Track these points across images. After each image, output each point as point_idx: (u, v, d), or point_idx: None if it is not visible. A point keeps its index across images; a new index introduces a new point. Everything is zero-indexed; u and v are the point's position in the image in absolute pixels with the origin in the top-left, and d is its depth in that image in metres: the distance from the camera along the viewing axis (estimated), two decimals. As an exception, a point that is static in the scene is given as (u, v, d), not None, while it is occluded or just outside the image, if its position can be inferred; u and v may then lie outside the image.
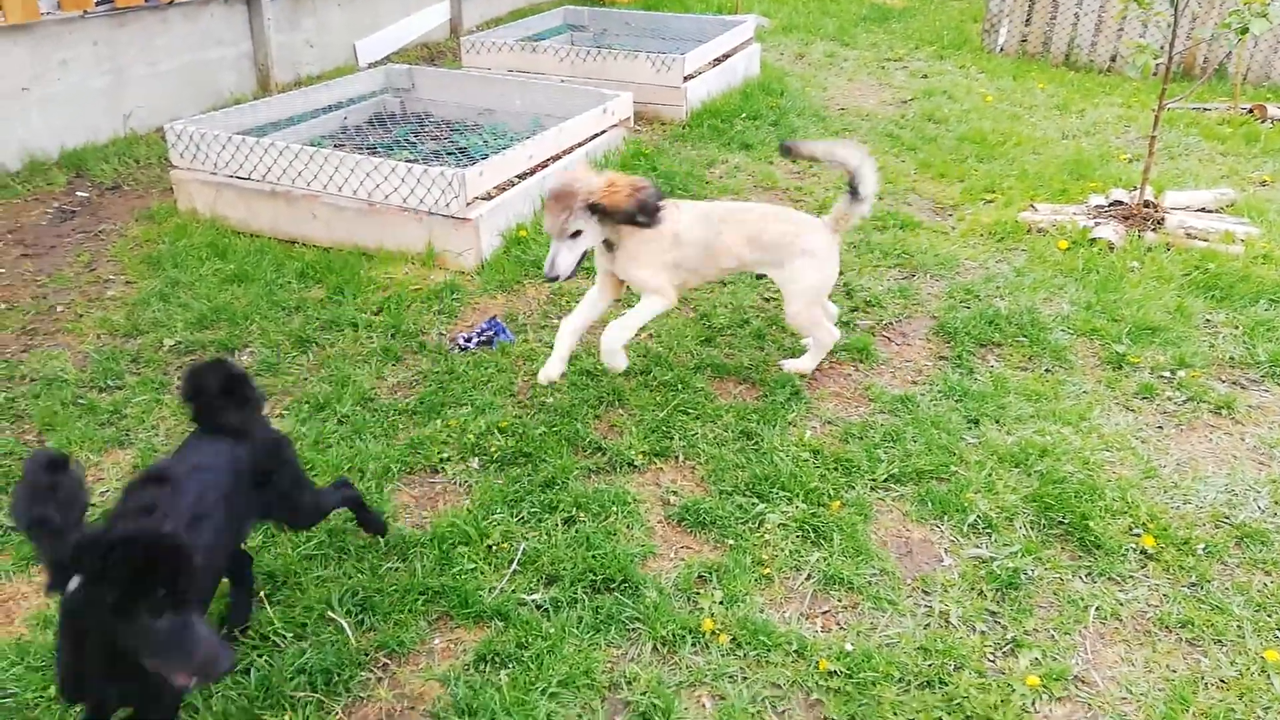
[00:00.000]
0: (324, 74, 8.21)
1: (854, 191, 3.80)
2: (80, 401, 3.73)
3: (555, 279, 3.49)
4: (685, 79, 7.14)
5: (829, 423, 3.78)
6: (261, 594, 2.81)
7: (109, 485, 3.30)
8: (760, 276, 4.45)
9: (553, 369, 3.69)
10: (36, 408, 3.66)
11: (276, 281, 4.66)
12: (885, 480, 3.45)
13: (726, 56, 8.03)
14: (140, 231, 5.22)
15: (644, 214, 3.42)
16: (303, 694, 2.51)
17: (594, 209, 3.42)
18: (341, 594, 2.84)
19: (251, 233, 5.16)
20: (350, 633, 2.68)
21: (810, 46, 10.11)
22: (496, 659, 2.66)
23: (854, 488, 3.41)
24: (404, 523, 3.19)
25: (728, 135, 6.90)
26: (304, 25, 8.04)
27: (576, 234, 3.45)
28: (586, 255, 3.59)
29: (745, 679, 2.65)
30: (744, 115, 7.25)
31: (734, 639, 2.77)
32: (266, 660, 2.60)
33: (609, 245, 3.62)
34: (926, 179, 6.26)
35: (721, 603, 2.90)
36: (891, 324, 4.53)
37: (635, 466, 3.50)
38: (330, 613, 2.75)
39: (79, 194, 5.73)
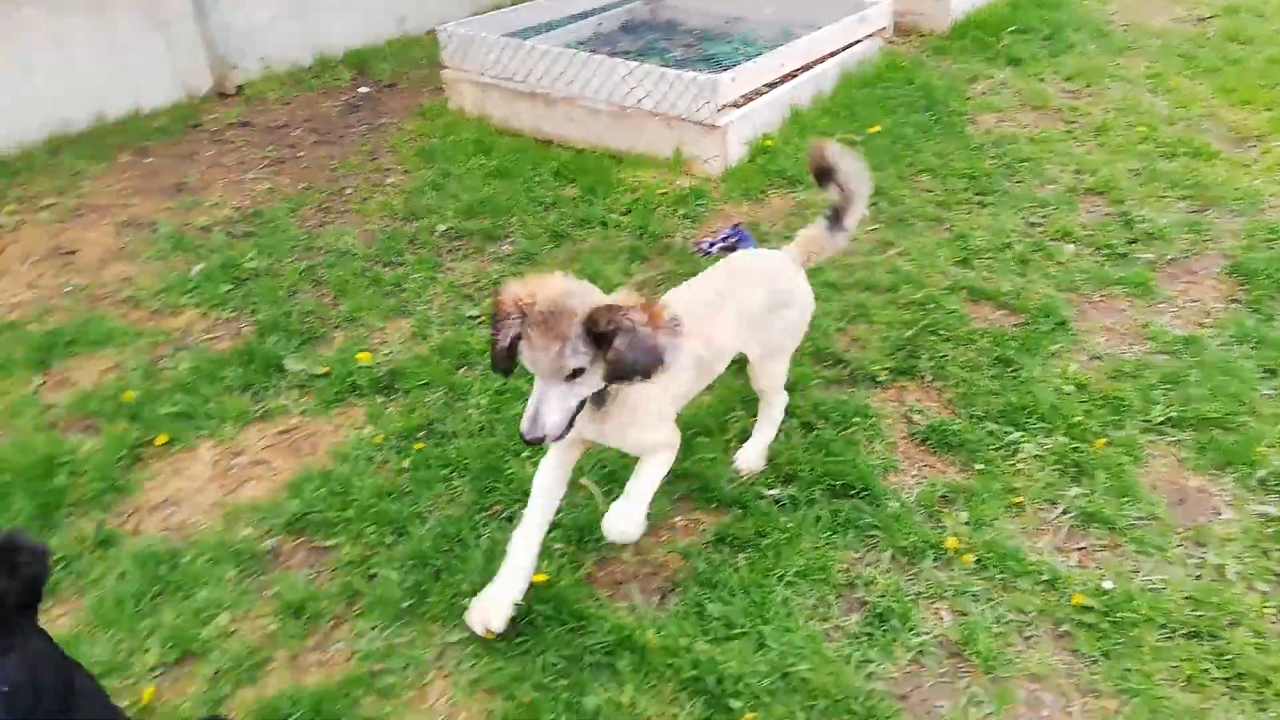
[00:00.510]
0: (580, -17, 8.36)
1: (836, 218, 2.91)
2: (367, 273, 4.11)
3: (538, 441, 2.19)
4: (951, -11, 6.70)
5: (1097, 358, 3.53)
6: (524, 455, 3.03)
7: (391, 349, 3.63)
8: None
9: (497, 613, 2.40)
10: (332, 276, 4.08)
11: (534, 179, 4.88)
12: (1160, 423, 3.19)
13: (997, -32, 7.43)
14: (415, 126, 5.60)
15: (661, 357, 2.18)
16: (560, 546, 2.70)
17: (602, 336, 2.12)
18: (592, 466, 3.00)
19: (513, 132, 5.42)
20: (599, 498, 2.84)
21: (1092, -40, 9.17)
22: (735, 543, 2.74)
23: (1123, 427, 3.18)
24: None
25: (993, 50, 6.44)
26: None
27: (576, 374, 2.16)
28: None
29: (990, 600, 2.59)
30: (1013, 28, 6.72)
31: (979, 560, 2.70)
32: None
33: (599, 400, 2.35)
34: (1226, 105, 5.59)
35: (966, 524, 2.82)
36: (1176, 259, 4.13)
37: (878, 382, 3.44)
38: (584, 479, 2.93)
39: (361, 90, 6.22)
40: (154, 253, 4.26)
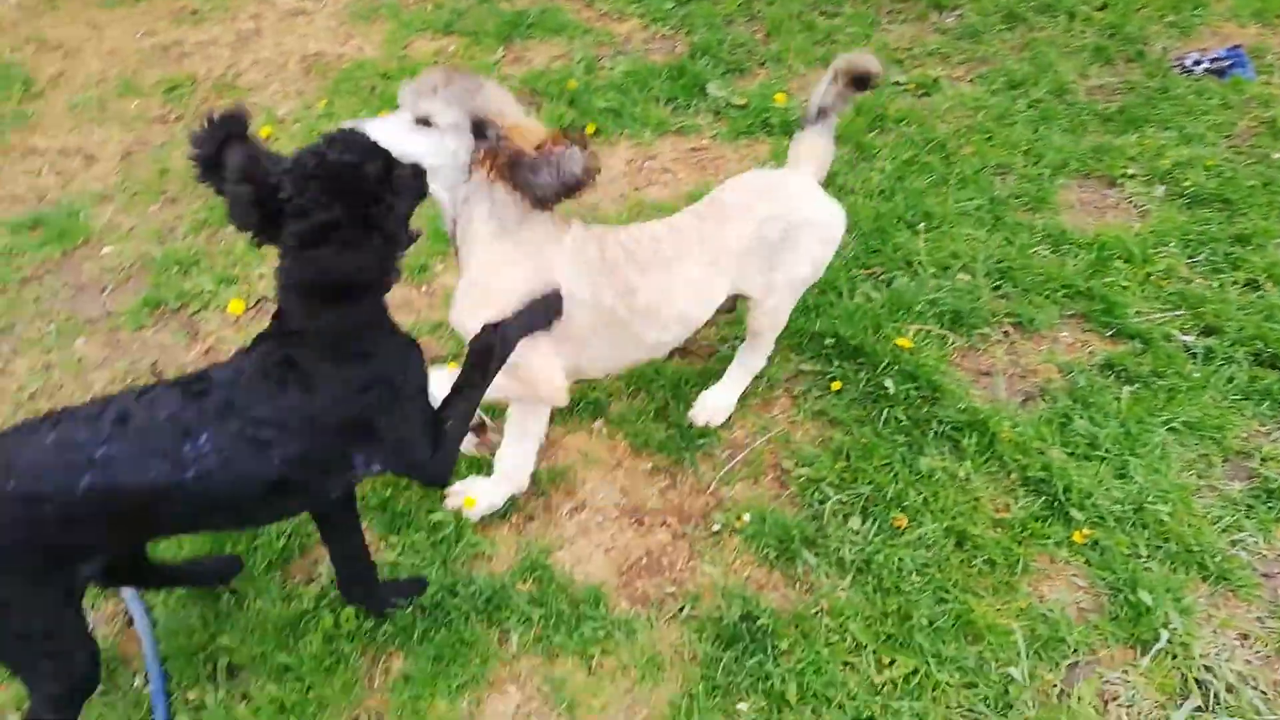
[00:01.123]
0: None
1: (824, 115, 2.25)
2: (802, 18, 4.01)
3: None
4: None
5: None
6: (920, 228, 2.94)
7: (808, 95, 3.58)
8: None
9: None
10: (769, 13, 4.04)
11: (1007, -49, 4.38)
12: None
13: None
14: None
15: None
16: (929, 326, 2.64)
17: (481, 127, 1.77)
18: (986, 256, 2.84)
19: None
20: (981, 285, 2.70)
21: None
22: (1124, 374, 2.51)
23: None
24: (1065, 219, 3.03)
25: None
26: None
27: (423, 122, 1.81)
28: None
29: None
30: None
31: None
32: (907, 282, 2.76)
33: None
34: None
35: None
36: None
37: (1357, 261, 2.85)
38: (963, 272, 2.79)
39: None
40: (615, -40, 4.45)
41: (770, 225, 2.04)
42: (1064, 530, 2.13)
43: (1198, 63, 3.70)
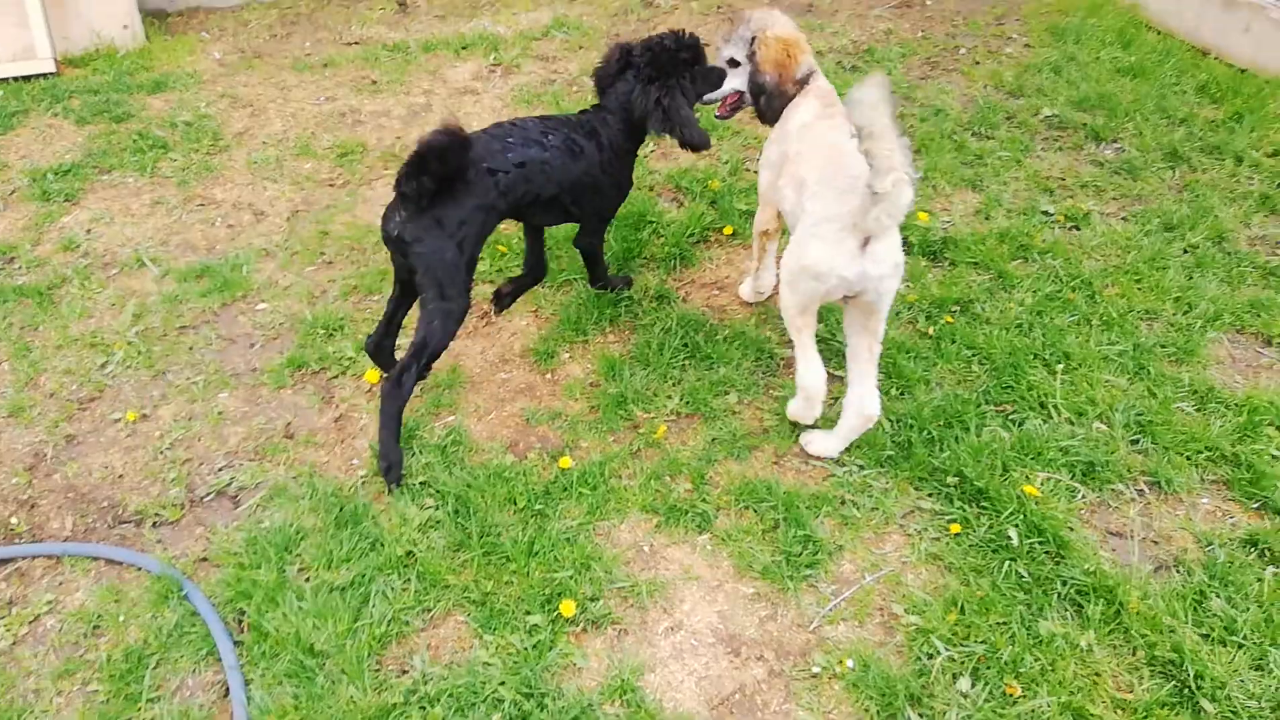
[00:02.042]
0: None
1: None
2: (954, 137, 4.01)
3: (710, 102, 2.88)
4: None
5: None
6: (1058, 368, 2.86)
7: (952, 217, 3.56)
8: None
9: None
10: (919, 129, 4.05)
11: (1172, 87, 4.29)
12: None
13: None
14: (1055, 0, 5.18)
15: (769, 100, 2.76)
16: (1060, 475, 2.54)
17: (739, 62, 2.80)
18: (1125, 406, 2.74)
19: (1166, 30, 4.76)
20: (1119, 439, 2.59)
21: None
22: (1269, 553, 2.35)
23: None
24: (1214, 374, 2.89)
25: None
26: None
27: (733, 62, 2.82)
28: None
29: None
30: None
31: None
32: (1039, 424, 2.67)
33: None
34: None
35: None
36: None
37: None
38: (1100, 421, 2.69)
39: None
40: (770, 64, 4.56)
41: None
42: (1191, 721, 1.99)
43: None
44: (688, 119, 2.71)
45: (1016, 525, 2.37)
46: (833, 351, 2.89)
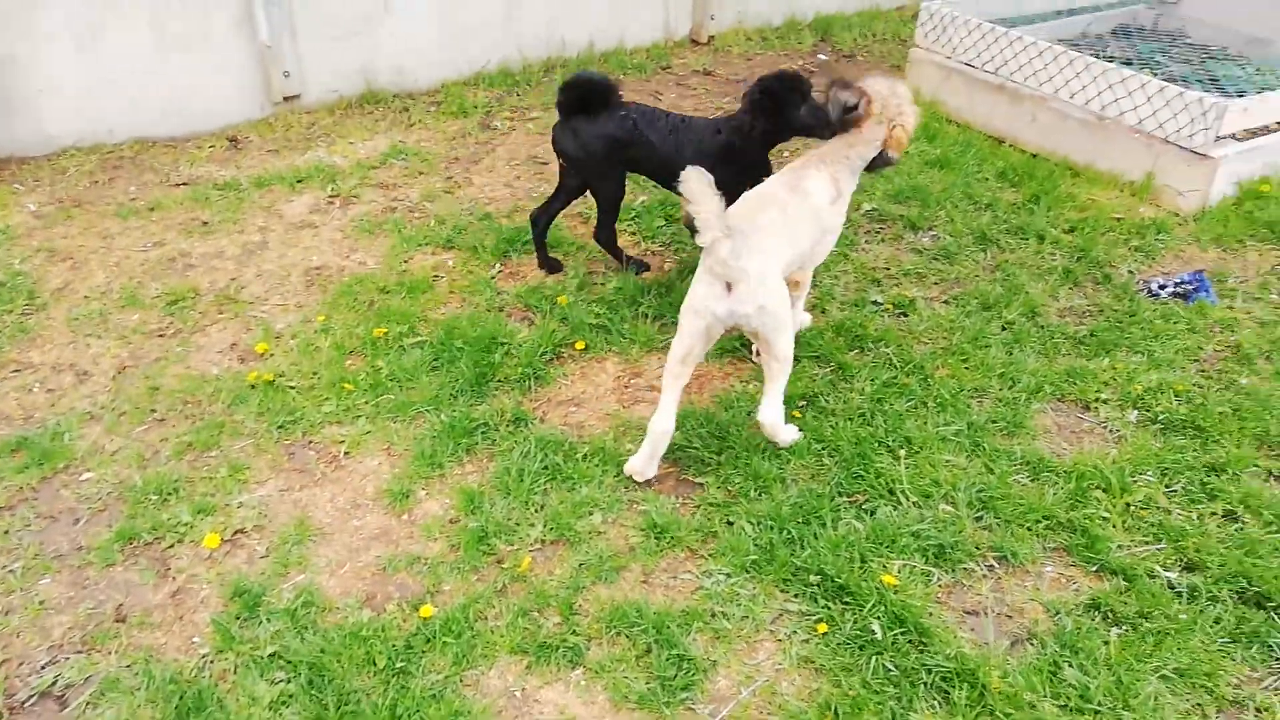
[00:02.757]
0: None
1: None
2: (785, 236, 4.22)
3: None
4: None
5: None
6: (901, 453, 2.98)
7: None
8: None
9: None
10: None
11: (975, 175, 4.67)
12: None
13: None
14: (863, 100, 5.58)
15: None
16: (914, 560, 2.63)
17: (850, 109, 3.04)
18: (967, 484, 2.87)
19: (963, 123, 5.20)
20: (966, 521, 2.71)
21: None
22: (1111, 615, 2.49)
23: None
24: (1041, 444, 3.09)
25: None
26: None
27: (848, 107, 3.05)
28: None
29: None
30: None
31: None
32: (890, 511, 2.77)
33: None
34: None
35: None
36: None
37: (1335, 490, 2.90)
38: (945, 502, 2.82)
39: (820, 56, 6.31)
40: (607, 177, 4.71)
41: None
42: (1060, 796, 2.05)
43: (1163, 286, 3.87)
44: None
45: (879, 617, 2.43)
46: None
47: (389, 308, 3.64)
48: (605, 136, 3.53)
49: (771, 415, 2.91)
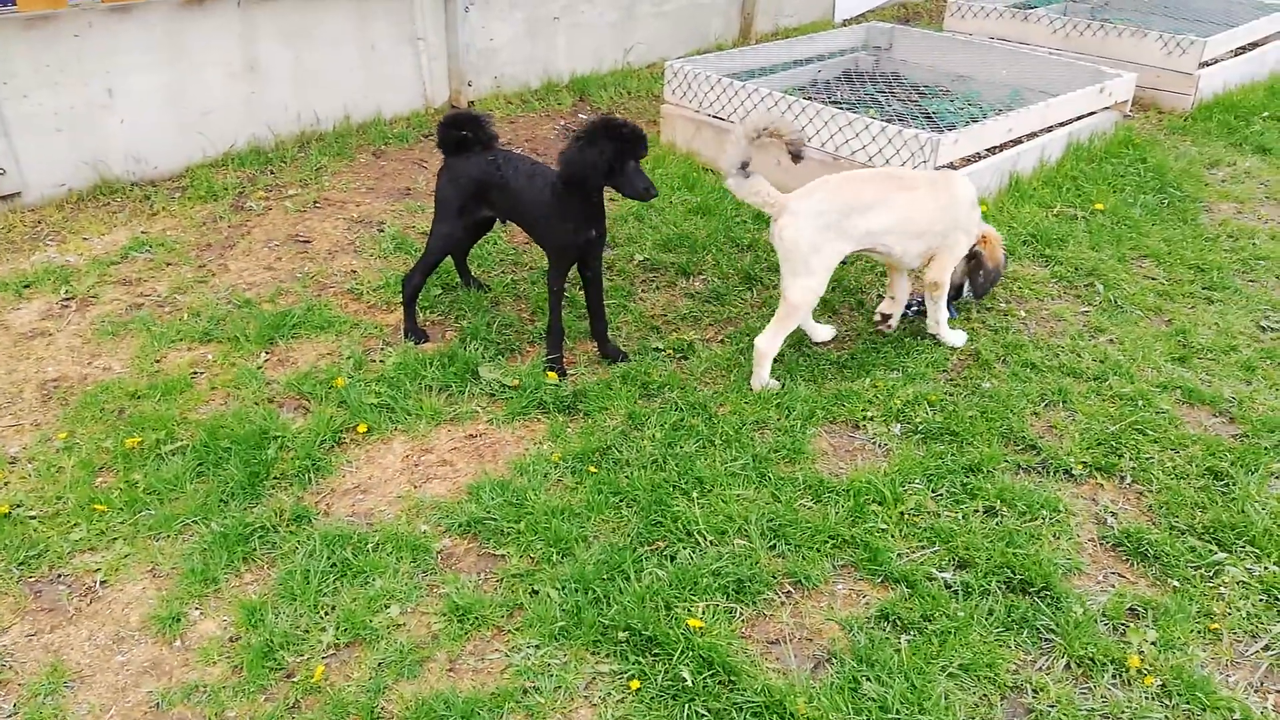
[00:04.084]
0: (801, 27, 8.41)
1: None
2: (565, 293, 4.26)
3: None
4: (1201, 66, 6.27)
5: (1327, 484, 3.19)
6: (694, 494, 3.05)
7: (579, 370, 3.75)
8: None
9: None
10: (532, 292, 4.27)
11: (734, 219, 4.93)
12: (1394, 568, 2.86)
13: (1255, 45, 6.91)
14: (625, 155, 5.78)
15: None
16: (716, 599, 2.69)
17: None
18: (758, 515, 2.98)
19: (718, 170, 5.49)
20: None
21: (1370, 42, 8.34)
22: (899, 622, 2.65)
23: (1348, 565, 2.87)
24: (820, 467, 3.26)
25: (1241, 134, 5.97)
26: (793, -22, 8.28)
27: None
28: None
29: (1172, 732, 2.38)
30: (1267, 115, 6.21)
31: (1163, 685, 2.49)
32: (690, 554, 2.83)
33: None
34: None
35: (1154, 644, 2.61)
36: None
37: (1071, 475, 3.25)
38: (739, 536, 2.91)
39: (580, 115, 6.49)
40: (378, 250, 4.60)
41: None
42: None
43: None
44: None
45: (688, 663, 2.45)
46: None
47: (142, 414, 3.35)
48: (469, 177, 3.64)
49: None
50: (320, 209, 5.01)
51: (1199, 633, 2.66)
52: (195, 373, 3.63)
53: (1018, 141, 5.17)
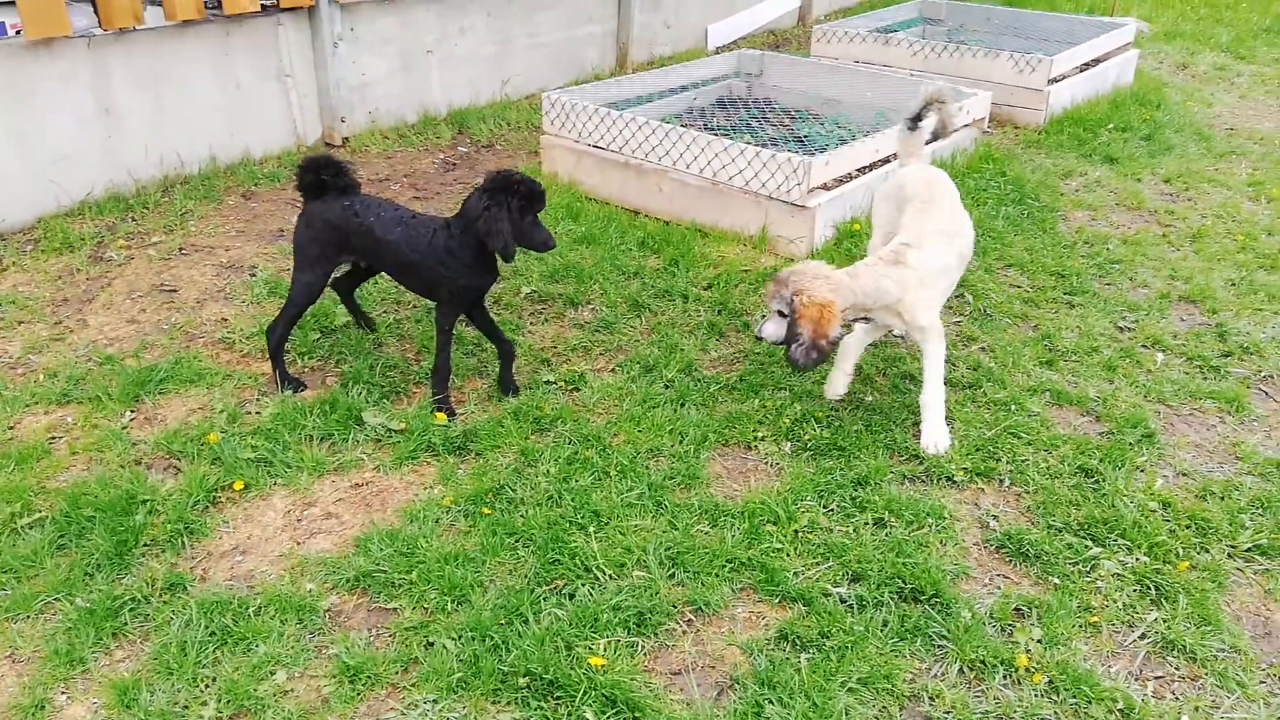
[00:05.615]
0: (675, 55, 8.56)
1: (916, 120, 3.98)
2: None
3: (761, 339, 3.54)
4: (1050, 82, 6.66)
5: (1185, 474, 3.39)
6: (591, 529, 3.02)
7: (468, 409, 3.68)
8: None
9: (838, 385, 3.74)
10: (416, 331, 4.17)
11: (620, 247, 4.95)
12: (1248, 549, 3.05)
13: (1097, 61, 7.39)
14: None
15: (806, 352, 3.27)
16: (618, 635, 2.66)
17: (785, 314, 3.36)
18: (655, 545, 2.97)
19: (602, 199, 5.52)
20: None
21: (1196, 57, 9.04)
22: (798, 641, 2.67)
23: (1208, 551, 3.05)
24: (715, 491, 3.28)
25: (1090, 146, 6.36)
26: (664, 5, 8.43)
27: (780, 314, 3.38)
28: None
29: (1060, 727, 2.47)
30: (1111, 126, 6.64)
31: (1050, 681, 2.58)
32: (589, 590, 2.79)
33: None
34: (1335, 217, 5.40)
35: (1040, 641, 2.71)
36: (1273, 377, 3.97)
37: (954, 482, 3.36)
38: (638, 568, 2.90)
39: (460, 149, 6.42)
40: (250, 296, 4.42)
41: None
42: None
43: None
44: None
45: (591, 705, 2.41)
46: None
47: (-6, 489, 3.11)
48: (325, 222, 3.54)
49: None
50: (187, 255, 4.79)
51: (1080, 627, 2.77)
52: (53, 437, 3.41)
53: (885, 161, 5.36)
